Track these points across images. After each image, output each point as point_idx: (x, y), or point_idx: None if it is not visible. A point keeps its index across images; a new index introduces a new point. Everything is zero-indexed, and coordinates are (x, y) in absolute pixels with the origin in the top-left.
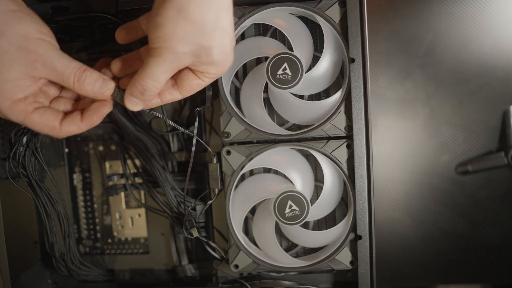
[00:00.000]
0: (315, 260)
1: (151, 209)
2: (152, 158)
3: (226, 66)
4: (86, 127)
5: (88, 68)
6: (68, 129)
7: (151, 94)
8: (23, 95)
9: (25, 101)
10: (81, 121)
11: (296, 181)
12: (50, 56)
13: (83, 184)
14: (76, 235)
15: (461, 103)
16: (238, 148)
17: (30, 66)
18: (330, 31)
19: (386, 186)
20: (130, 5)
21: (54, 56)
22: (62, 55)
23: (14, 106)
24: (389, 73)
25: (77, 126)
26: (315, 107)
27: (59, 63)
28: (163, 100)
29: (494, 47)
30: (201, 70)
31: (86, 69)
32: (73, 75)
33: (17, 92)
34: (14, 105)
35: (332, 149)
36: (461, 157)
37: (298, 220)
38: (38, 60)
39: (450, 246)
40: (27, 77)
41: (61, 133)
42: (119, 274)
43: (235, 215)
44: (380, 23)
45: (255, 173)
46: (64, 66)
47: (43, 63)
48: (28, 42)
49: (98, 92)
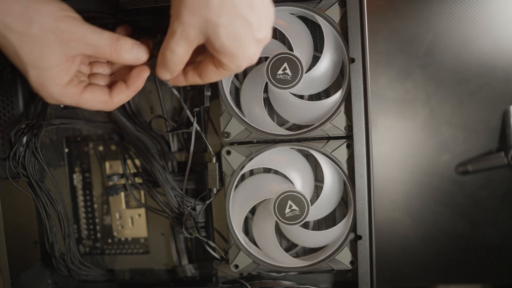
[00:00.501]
0: (315, 260)
1: (151, 209)
2: (152, 158)
3: (240, 59)
4: (133, 93)
5: (120, 37)
6: (119, 99)
7: (172, 66)
8: (69, 77)
9: (72, 83)
10: (127, 89)
11: (296, 181)
12: (81, 31)
13: (83, 184)
14: (76, 235)
15: (461, 103)
16: (238, 148)
17: (66, 46)
18: (330, 31)
19: (386, 186)
20: (130, 5)
21: (86, 31)
22: (91, 27)
23: (66, 90)
24: (389, 73)
25: (125, 95)
26: (315, 107)
27: (92, 36)
28: (187, 80)
29: (494, 47)
30: (216, 57)
31: (119, 38)
32: (108, 45)
33: (63, 76)
34: (65, 89)
35: (332, 149)
36: (461, 157)
37: (298, 220)
38: (72, 38)
39: (450, 246)
40: (67, 58)
41: (113, 105)
42: (119, 274)
43: (235, 215)
44: (380, 23)
45: (255, 173)
46: (98, 39)
47: (77, 40)
48: (57, 22)
49: (136, 58)
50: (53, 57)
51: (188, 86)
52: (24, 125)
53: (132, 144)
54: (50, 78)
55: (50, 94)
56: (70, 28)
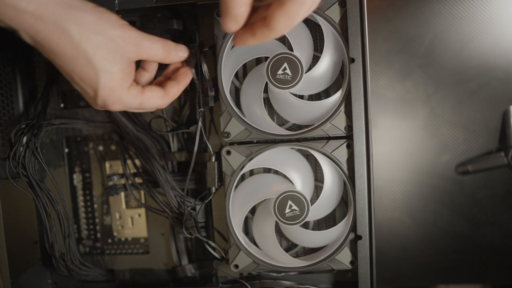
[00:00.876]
0: (315, 260)
1: (151, 209)
2: (152, 158)
3: None
4: (183, 88)
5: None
6: (173, 92)
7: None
8: (131, 80)
9: (134, 84)
10: (178, 84)
11: (296, 181)
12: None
13: (83, 184)
14: (76, 235)
15: (461, 103)
16: (238, 148)
17: (131, 50)
18: (330, 31)
19: (386, 186)
20: (130, 5)
21: (143, 37)
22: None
23: (130, 91)
24: (389, 73)
25: (177, 89)
26: (315, 107)
27: (148, 42)
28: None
29: (494, 47)
30: None
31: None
32: (161, 49)
33: (128, 79)
34: (130, 91)
35: (332, 149)
36: (461, 157)
37: (298, 220)
38: (134, 43)
39: (450, 246)
40: (130, 62)
41: (170, 98)
42: (119, 274)
43: (235, 215)
44: (380, 23)
45: (255, 173)
46: (151, 42)
47: (138, 45)
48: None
49: (182, 58)
50: (122, 61)
51: (188, 86)
52: (24, 125)
53: (132, 144)
54: (118, 81)
55: (119, 98)
56: (133, 34)
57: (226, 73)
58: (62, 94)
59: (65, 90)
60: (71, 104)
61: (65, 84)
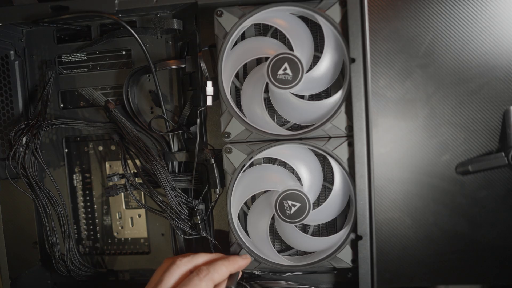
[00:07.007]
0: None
1: (151, 209)
2: (152, 158)
3: None
4: None
5: None
6: None
7: None
8: None
9: None
10: None
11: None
12: None
13: (83, 184)
14: (76, 235)
15: (461, 103)
16: (239, 146)
17: None
18: (331, 31)
19: (386, 186)
20: (130, 5)
21: None
22: None
23: None
24: (389, 73)
25: None
26: (316, 107)
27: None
28: None
29: (494, 47)
30: None
31: None
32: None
33: None
34: None
35: (333, 147)
36: (461, 157)
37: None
38: None
39: (450, 246)
40: None
41: None
42: (119, 274)
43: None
44: (380, 23)
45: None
46: None
47: None
48: None
49: None
50: None
51: (189, 87)
52: (23, 125)
53: (132, 144)
54: None
55: None
56: None
57: (226, 73)
58: (62, 94)
59: (65, 90)
60: (71, 104)
61: (65, 84)
